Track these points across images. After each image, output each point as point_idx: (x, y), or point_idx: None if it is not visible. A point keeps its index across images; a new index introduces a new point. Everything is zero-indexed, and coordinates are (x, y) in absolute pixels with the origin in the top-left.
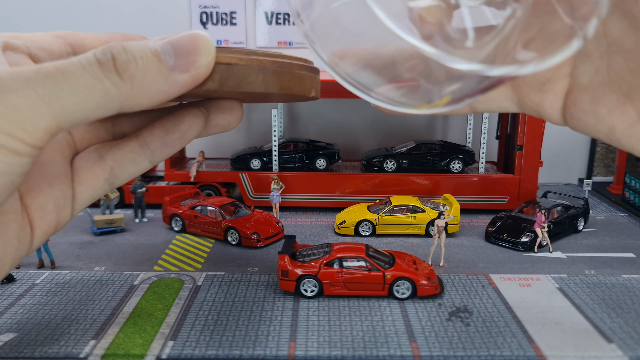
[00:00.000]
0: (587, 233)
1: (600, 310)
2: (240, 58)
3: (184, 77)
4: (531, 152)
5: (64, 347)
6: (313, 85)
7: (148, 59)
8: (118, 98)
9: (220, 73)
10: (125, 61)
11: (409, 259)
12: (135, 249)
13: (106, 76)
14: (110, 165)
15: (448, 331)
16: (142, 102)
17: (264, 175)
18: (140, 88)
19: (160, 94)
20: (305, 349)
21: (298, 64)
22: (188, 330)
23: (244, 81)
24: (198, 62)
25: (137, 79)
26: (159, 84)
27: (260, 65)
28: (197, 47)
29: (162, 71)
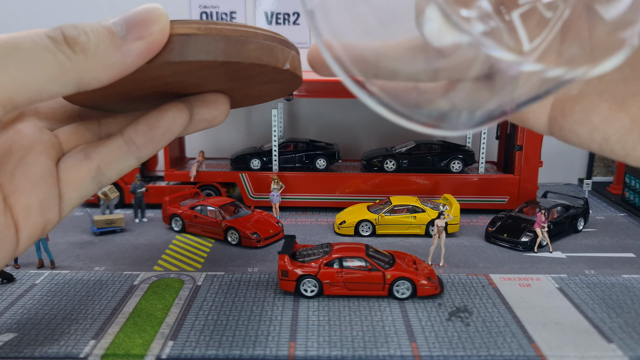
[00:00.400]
0: (587, 233)
1: (600, 310)
2: (198, 27)
3: (138, 44)
4: (531, 152)
5: (64, 347)
6: (287, 58)
7: (99, 31)
8: (73, 69)
9: (179, 43)
10: (76, 35)
11: (409, 259)
12: (135, 249)
13: (58, 49)
14: (97, 163)
15: (448, 331)
16: (99, 74)
17: (264, 175)
18: (94, 59)
19: (117, 65)
20: (305, 349)
21: (265, 34)
22: (188, 330)
23: (203, 50)
24: (150, 29)
25: (90, 50)
26: (113, 53)
27: (220, 34)
28: (148, 16)
29: (114, 41)
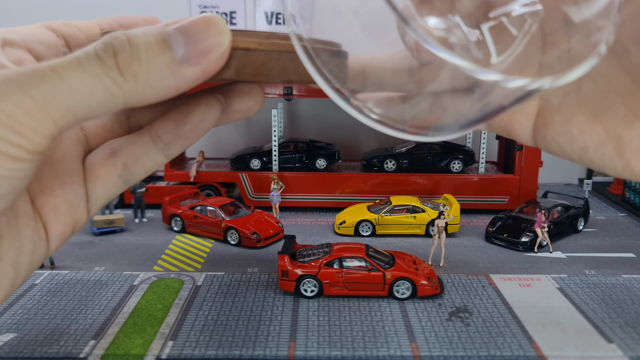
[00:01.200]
0: (587, 233)
1: (600, 311)
2: (260, 42)
3: (195, 70)
4: (531, 152)
5: (64, 347)
6: None
7: (154, 52)
8: (122, 97)
9: (237, 59)
10: (129, 57)
11: (409, 259)
12: (135, 249)
13: (107, 74)
14: (124, 161)
15: (448, 331)
16: (147, 99)
17: (264, 175)
18: (145, 85)
19: (168, 89)
20: (305, 349)
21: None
22: (188, 331)
23: (263, 68)
24: (212, 53)
25: (142, 76)
26: (167, 79)
27: (282, 50)
28: (210, 34)
29: (170, 66)
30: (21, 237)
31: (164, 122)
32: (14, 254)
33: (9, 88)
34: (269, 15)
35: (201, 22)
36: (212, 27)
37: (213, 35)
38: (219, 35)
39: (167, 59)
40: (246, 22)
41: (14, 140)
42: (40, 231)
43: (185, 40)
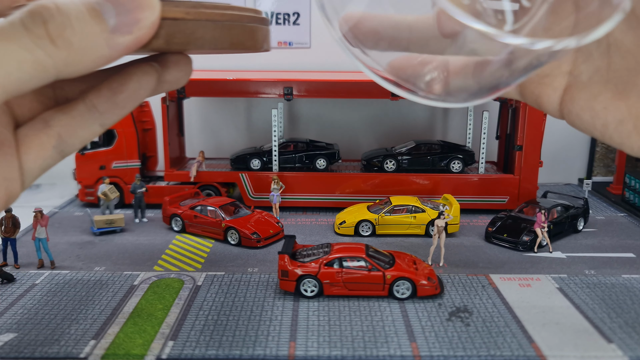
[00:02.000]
0: (587, 233)
1: (600, 310)
2: (187, 12)
3: (127, 39)
4: (531, 152)
5: (64, 347)
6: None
7: (86, 21)
8: (54, 67)
9: (166, 29)
10: (60, 25)
11: (409, 259)
12: (135, 249)
13: (37, 45)
14: (57, 131)
15: (448, 331)
16: (81, 69)
17: (264, 175)
18: (78, 54)
19: (101, 59)
20: (305, 349)
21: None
22: (188, 331)
23: (192, 37)
24: (143, 21)
25: (75, 44)
26: (100, 48)
27: (209, 19)
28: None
29: (103, 34)
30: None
31: (99, 91)
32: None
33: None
34: (269, 15)
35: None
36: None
37: (142, 4)
38: (148, 4)
39: (100, 28)
40: None
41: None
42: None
43: (116, 10)
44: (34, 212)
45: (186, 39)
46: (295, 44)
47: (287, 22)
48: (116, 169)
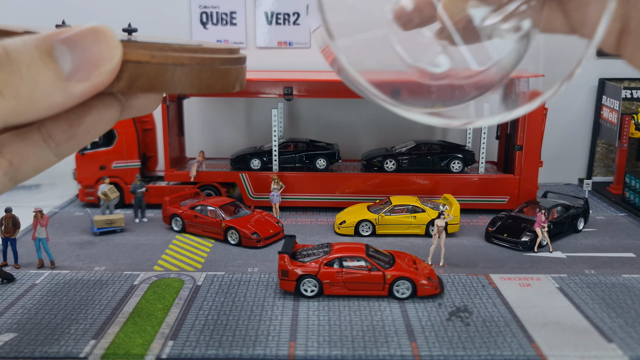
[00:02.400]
0: (587, 233)
1: (600, 310)
2: (152, 55)
3: (84, 86)
4: (531, 152)
5: (64, 347)
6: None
7: (38, 67)
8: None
9: (129, 72)
10: (8, 74)
11: (409, 258)
12: (135, 249)
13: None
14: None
15: (448, 331)
16: (31, 117)
17: (264, 175)
18: (28, 104)
19: (54, 107)
20: (305, 349)
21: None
22: (188, 330)
23: (156, 80)
24: (101, 68)
25: (24, 94)
26: (53, 96)
27: (177, 63)
28: (99, 48)
29: (56, 82)
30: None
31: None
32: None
33: None
34: (269, 15)
35: (89, 33)
36: (101, 39)
37: (102, 47)
38: (108, 48)
39: (53, 75)
40: (246, 22)
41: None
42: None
43: (72, 54)
44: (34, 212)
45: (150, 83)
46: (295, 44)
47: (287, 22)
48: (116, 169)
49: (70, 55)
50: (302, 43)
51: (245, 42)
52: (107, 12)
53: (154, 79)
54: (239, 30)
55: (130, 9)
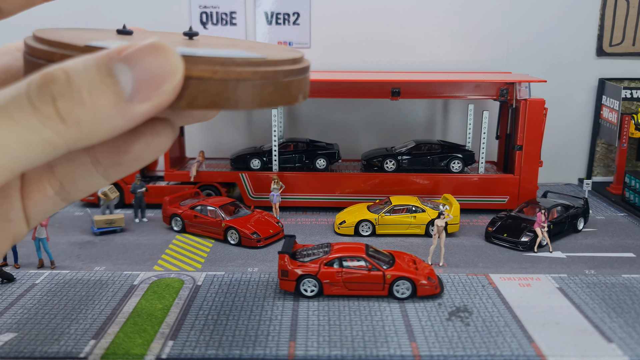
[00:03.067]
0: (587, 233)
1: (600, 310)
2: (214, 70)
3: (145, 107)
4: (531, 152)
5: (64, 346)
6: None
7: (99, 91)
8: (64, 144)
9: (190, 90)
10: (70, 102)
11: (409, 258)
12: (135, 249)
13: (45, 125)
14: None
15: (448, 331)
16: (92, 142)
17: (264, 175)
18: (90, 130)
19: (115, 130)
20: (305, 349)
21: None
22: (188, 330)
23: (218, 97)
24: (162, 87)
25: (86, 121)
26: (114, 120)
27: (239, 78)
28: (161, 65)
29: (117, 105)
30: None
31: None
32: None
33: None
34: (269, 15)
35: (149, 51)
36: (162, 56)
37: (164, 64)
38: (170, 65)
39: (114, 97)
40: (246, 22)
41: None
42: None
43: (133, 73)
44: None
45: (211, 100)
46: (295, 44)
47: (287, 22)
48: None
49: (131, 75)
50: (302, 43)
51: None
52: (107, 12)
53: (215, 95)
54: (239, 30)
55: (129, 9)
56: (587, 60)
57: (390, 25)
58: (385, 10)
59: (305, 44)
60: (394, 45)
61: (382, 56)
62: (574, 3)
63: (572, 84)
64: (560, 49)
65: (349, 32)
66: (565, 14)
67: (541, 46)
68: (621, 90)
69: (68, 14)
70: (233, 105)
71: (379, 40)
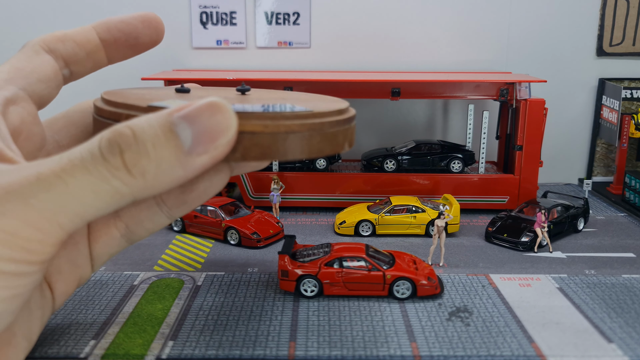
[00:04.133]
0: (587, 233)
1: (600, 310)
2: (265, 125)
3: (203, 159)
4: (531, 152)
5: (64, 347)
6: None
7: (162, 145)
8: (130, 194)
9: (244, 143)
10: (136, 154)
11: (409, 258)
12: (135, 249)
13: (114, 175)
14: (126, 222)
15: (448, 331)
16: (156, 191)
17: (264, 175)
18: (154, 180)
19: (177, 180)
20: (305, 349)
21: (330, 121)
22: (188, 331)
23: (269, 149)
24: (218, 141)
25: (150, 171)
26: (175, 170)
27: (288, 131)
28: (216, 121)
29: (178, 157)
30: (31, 307)
31: None
32: (25, 325)
33: (11, 202)
34: (269, 15)
35: (207, 109)
36: (218, 113)
37: (219, 121)
38: (225, 121)
39: (175, 151)
40: (246, 22)
41: (18, 257)
42: (46, 292)
43: (192, 129)
44: None
45: (263, 152)
46: (295, 43)
47: (287, 22)
48: None
49: (190, 130)
50: (302, 43)
51: (245, 42)
52: (108, 11)
53: (266, 148)
54: (239, 30)
55: (129, 9)
56: (587, 60)
57: (391, 25)
58: (386, 10)
59: (305, 44)
60: (394, 45)
61: (382, 56)
62: (574, 3)
63: (572, 84)
64: (561, 49)
65: (349, 32)
66: (565, 14)
67: (541, 46)
68: (621, 90)
69: (67, 13)
70: (282, 156)
71: (379, 40)
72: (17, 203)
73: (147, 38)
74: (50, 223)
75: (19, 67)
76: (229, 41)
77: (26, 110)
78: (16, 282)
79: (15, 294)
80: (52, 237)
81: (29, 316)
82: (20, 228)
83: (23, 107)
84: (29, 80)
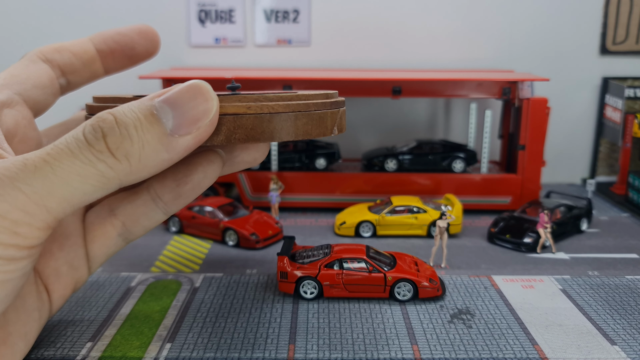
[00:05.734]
0: (590, 234)
1: (603, 312)
2: (248, 106)
3: (186, 140)
4: (534, 152)
5: (61, 349)
6: (335, 122)
7: (144, 128)
8: (116, 177)
9: (227, 125)
10: (119, 137)
11: (410, 260)
12: (132, 250)
13: (99, 158)
14: (122, 220)
15: (450, 333)
16: (142, 175)
17: (263, 175)
18: (139, 163)
19: (162, 162)
20: (304, 352)
21: (316, 103)
22: (186, 333)
23: (253, 131)
24: (200, 122)
25: (135, 154)
26: (160, 153)
27: (272, 112)
28: (197, 103)
29: (161, 139)
30: (26, 307)
31: (163, 181)
32: (21, 325)
33: (0, 187)
34: (267, 12)
35: (187, 91)
36: (198, 96)
37: (200, 103)
38: (206, 103)
39: (158, 133)
40: (245, 20)
41: (8, 241)
42: (42, 295)
43: (173, 112)
44: None
45: (248, 134)
46: (295, 42)
47: (287, 20)
48: None
49: (172, 113)
50: (302, 41)
51: (244, 39)
52: (105, 10)
53: (250, 129)
54: (238, 27)
55: (127, 7)
56: (590, 58)
57: (392, 23)
58: (386, 8)
59: (305, 42)
60: (395, 43)
61: (383, 54)
62: (577, 1)
63: (575, 83)
64: (563, 47)
65: (349, 29)
66: (568, 12)
67: (544, 44)
68: (625, 89)
69: (65, 11)
70: (269, 137)
71: (379, 38)
72: (5, 187)
73: (142, 49)
74: (39, 206)
75: (15, 74)
76: (228, 39)
77: (21, 114)
78: (5, 267)
79: (4, 280)
80: (40, 220)
81: (25, 317)
82: (7, 211)
83: (18, 111)
84: (24, 86)
